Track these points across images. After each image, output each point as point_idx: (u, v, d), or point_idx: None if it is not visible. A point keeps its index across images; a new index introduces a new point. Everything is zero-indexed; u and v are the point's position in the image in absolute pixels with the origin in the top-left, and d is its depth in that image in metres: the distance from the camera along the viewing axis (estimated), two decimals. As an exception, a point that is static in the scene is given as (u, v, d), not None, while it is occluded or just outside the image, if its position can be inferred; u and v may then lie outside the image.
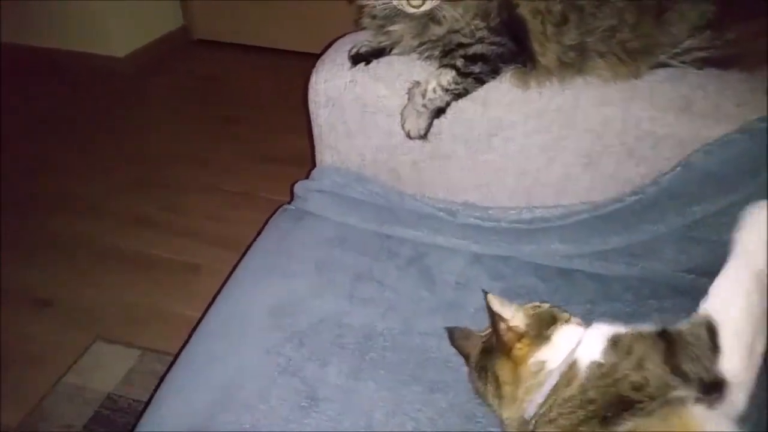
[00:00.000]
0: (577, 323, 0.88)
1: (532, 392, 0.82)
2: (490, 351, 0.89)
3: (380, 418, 0.92)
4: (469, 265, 1.18)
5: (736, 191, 1.05)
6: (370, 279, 1.15)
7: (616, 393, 0.75)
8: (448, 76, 1.10)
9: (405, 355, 1.01)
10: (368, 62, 1.21)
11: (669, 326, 0.79)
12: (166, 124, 2.81)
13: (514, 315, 0.87)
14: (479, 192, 1.25)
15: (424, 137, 1.18)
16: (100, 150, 2.61)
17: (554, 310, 0.90)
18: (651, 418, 0.72)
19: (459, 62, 1.10)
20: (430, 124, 1.17)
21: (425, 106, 1.13)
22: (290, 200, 1.36)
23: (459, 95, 1.13)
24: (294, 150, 2.27)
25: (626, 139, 1.11)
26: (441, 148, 1.22)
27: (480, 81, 1.12)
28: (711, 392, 0.74)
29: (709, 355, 0.75)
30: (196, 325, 1.11)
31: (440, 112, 1.15)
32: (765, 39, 1.10)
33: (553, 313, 0.89)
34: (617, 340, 0.79)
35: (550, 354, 0.84)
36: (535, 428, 0.79)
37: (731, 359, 0.75)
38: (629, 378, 0.75)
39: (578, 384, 0.77)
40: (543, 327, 0.87)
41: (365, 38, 1.22)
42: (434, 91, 1.11)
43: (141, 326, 1.78)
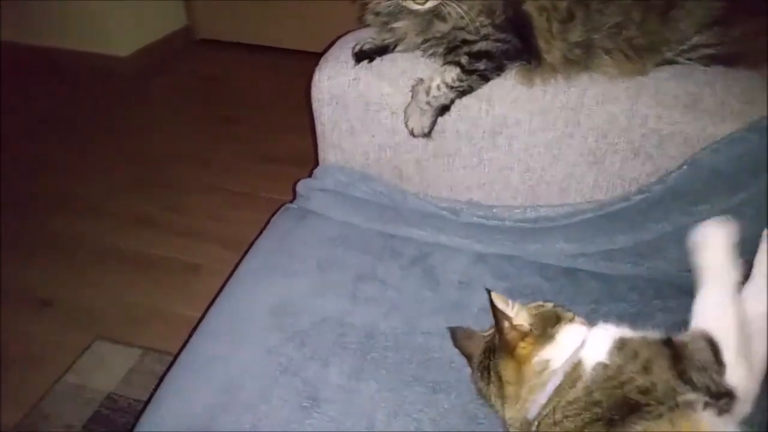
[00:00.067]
0: (581, 323, 0.87)
1: (536, 392, 0.81)
2: (493, 350, 0.89)
3: (382, 419, 0.91)
4: (473, 265, 1.17)
5: (744, 190, 1.04)
6: (373, 278, 1.14)
7: (623, 395, 0.74)
8: (453, 74, 1.10)
9: (407, 356, 1.00)
10: (372, 59, 1.20)
11: (673, 335, 0.79)
12: (167, 124, 2.81)
13: (518, 313, 0.87)
14: (483, 190, 1.24)
15: (428, 135, 1.18)
16: (101, 150, 2.61)
17: (558, 309, 0.89)
18: (660, 422, 0.71)
19: (463, 59, 1.09)
20: (434, 122, 1.16)
21: (429, 104, 1.13)
22: (292, 200, 1.36)
23: (463, 93, 1.12)
24: (296, 150, 2.27)
25: (632, 137, 1.10)
26: (445, 146, 1.21)
27: (484, 78, 1.11)
28: (720, 399, 0.73)
29: (716, 368, 0.75)
30: (197, 325, 1.10)
31: (444, 110, 1.15)
32: (772, 36, 1.10)
33: (557, 312, 0.88)
34: (623, 343, 0.79)
35: (554, 353, 0.83)
36: (538, 429, 0.78)
37: (736, 371, 0.75)
38: (636, 381, 0.74)
39: (583, 385, 0.77)
40: (547, 326, 0.86)
41: (369, 35, 1.22)
42: (438, 89, 1.11)
43: (141, 326, 1.77)
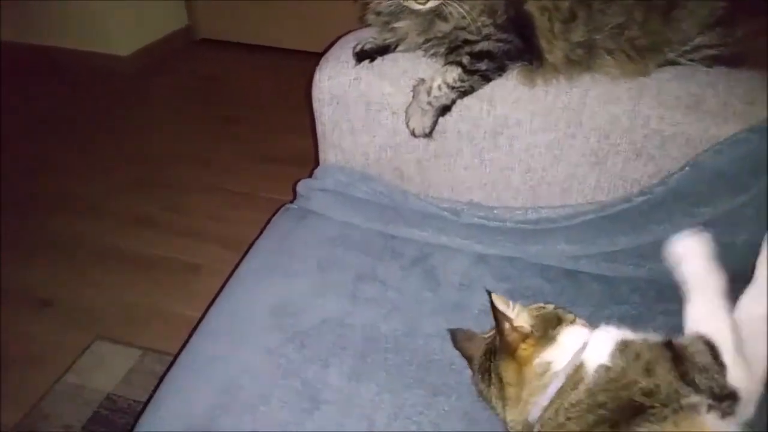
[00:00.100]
0: (583, 324, 0.86)
1: (537, 394, 0.81)
2: (494, 352, 0.88)
3: (382, 421, 0.90)
4: (474, 266, 1.16)
5: (746, 191, 1.04)
6: (373, 279, 1.13)
7: (627, 397, 0.74)
8: (454, 74, 1.09)
9: (408, 357, 0.99)
10: (373, 59, 1.20)
11: (674, 338, 0.79)
12: (167, 124, 2.81)
13: (519, 315, 0.86)
14: (484, 191, 1.24)
15: (429, 135, 1.17)
16: (101, 150, 2.61)
17: (559, 311, 0.89)
18: (664, 424, 0.71)
19: (465, 59, 1.09)
20: (435, 122, 1.16)
21: (430, 104, 1.12)
22: (292, 200, 1.35)
23: (465, 93, 1.12)
24: (296, 150, 2.27)
25: (634, 138, 1.10)
26: (446, 147, 1.20)
27: (486, 78, 1.11)
28: (723, 401, 0.73)
29: (717, 369, 0.74)
30: (197, 325, 1.10)
31: (445, 110, 1.14)
32: (775, 37, 1.09)
33: (558, 314, 0.88)
34: (625, 345, 0.78)
35: (556, 355, 0.83)
36: (540, 431, 0.78)
37: (737, 372, 0.74)
38: (639, 383, 0.74)
39: (585, 387, 0.76)
40: (548, 327, 0.85)
41: (370, 35, 1.21)
42: (439, 89, 1.10)
43: (141, 326, 1.77)
